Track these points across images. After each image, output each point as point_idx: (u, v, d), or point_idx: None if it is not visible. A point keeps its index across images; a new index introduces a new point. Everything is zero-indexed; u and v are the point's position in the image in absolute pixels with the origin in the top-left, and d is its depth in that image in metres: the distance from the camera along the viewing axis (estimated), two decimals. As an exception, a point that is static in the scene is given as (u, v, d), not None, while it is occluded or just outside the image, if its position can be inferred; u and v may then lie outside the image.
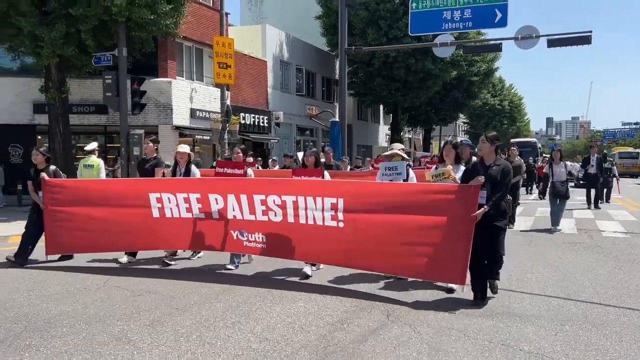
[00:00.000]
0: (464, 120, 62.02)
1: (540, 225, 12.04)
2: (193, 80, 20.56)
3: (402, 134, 34.01)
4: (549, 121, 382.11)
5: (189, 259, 7.83)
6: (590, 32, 18.84)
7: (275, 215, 6.36)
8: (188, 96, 19.90)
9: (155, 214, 6.91)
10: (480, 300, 5.43)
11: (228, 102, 19.55)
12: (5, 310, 5.28)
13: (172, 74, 19.27)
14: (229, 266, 7.12)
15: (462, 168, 5.96)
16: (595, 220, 12.88)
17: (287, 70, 27.40)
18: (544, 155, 38.47)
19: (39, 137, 18.17)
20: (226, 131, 16.70)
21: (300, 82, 28.39)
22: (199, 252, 7.92)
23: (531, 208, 16.46)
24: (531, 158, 27.29)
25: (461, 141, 8.48)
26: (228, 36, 20.93)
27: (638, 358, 4.05)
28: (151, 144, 8.56)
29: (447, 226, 5.44)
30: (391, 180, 6.26)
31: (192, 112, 19.92)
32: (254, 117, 23.44)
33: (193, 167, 7.71)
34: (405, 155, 6.58)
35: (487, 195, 5.31)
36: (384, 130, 40.35)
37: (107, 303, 5.55)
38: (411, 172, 6.56)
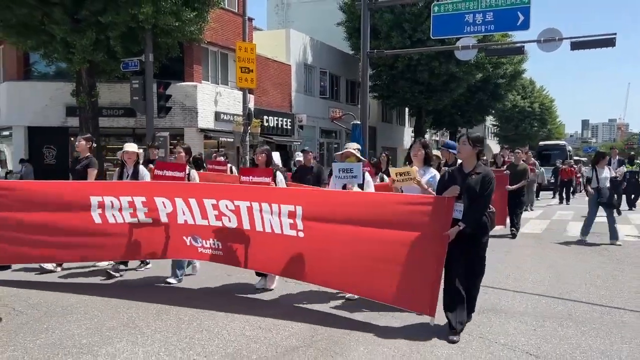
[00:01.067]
0: (493, 123, 61.31)
1: (555, 228, 12.10)
2: (218, 84, 21.15)
3: (426, 136, 33.95)
4: (585, 123, 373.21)
5: (135, 270, 7.18)
6: (615, 34, 18.62)
7: (230, 221, 5.76)
8: (213, 99, 20.50)
9: (97, 219, 6.19)
10: (456, 334, 4.51)
11: (251, 105, 20.12)
12: (29, 297, 5.78)
13: (197, 78, 19.90)
14: (171, 280, 6.47)
15: (432, 171, 5.27)
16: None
17: (311, 74, 27.81)
18: (574, 158, 37.87)
19: (72, 138, 19.00)
20: (247, 134, 17.18)
21: (324, 85, 28.76)
22: (147, 263, 7.30)
23: (552, 211, 16.44)
24: (559, 161, 27.00)
25: (445, 143, 8.33)
26: (253, 41, 21.50)
27: (606, 351, 4.25)
28: (83, 142, 7.39)
29: (415, 244, 4.62)
30: (345, 184, 5.56)
31: (217, 115, 20.51)
32: (277, 120, 23.93)
33: (141, 167, 7.00)
34: (361, 156, 5.92)
35: (464, 209, 4.47)
36: (409, 132, 40.37)
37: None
38: (367, 175, 5.88)
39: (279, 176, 6.12)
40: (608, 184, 9.75)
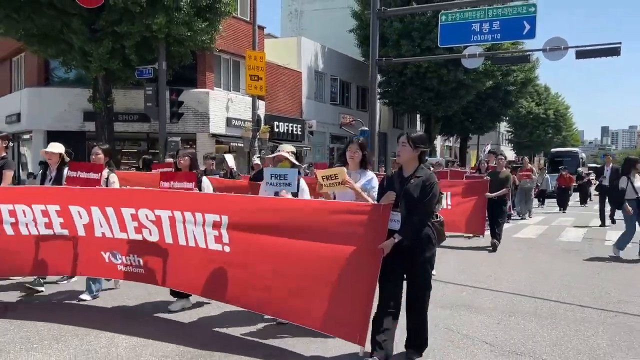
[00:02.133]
0: (508, 129, 61.32)
1: (550, 234, 12.43)
2: (230, 91, 21.79)
3: (435, 142, 34.28)
4: (604, 130, 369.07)
5: (56, 283, 6.62)
6: (620, 43, 18.82)
7: (151, 234, 5.13)
8: (224, 106, 21.14)
9: (9, 231, 5.54)
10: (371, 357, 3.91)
11: (262, 111, 20.71)
12: None
13: (210, 85, 20.57)
14: (85, 296, 5.89)
15: (369, 174, 4.60)
16: (607, 230, 13.11)
17: (321, 80, 28.37)
18: (588, 166, 37.83)
19: (93, 142, 19.76)
20: (256, 139, 17.75)
21: (335, 91, 29.29)
22: (71, 277, 6.65)
23: (553, 218, 16.70)
24: (561, 167, 27.06)
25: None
26: (264, 48, 22.14)
27: (558, 341, 4.66)
28: None
29: (345, 260, 4.01)
30: (278, 192, 4.83)
31: (228, 121, 21.14)
32: (287, 126, 24.50)
33: (66, 169, 6.06)
34: (296, 161, 5.20)
35: (402, 219, 3.92)
36: (420, 138, 40.69)
37: None
38: (302, 182, 5.11)
39: (205, 182, 5.59)
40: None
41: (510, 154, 63.03)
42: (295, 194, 4.89)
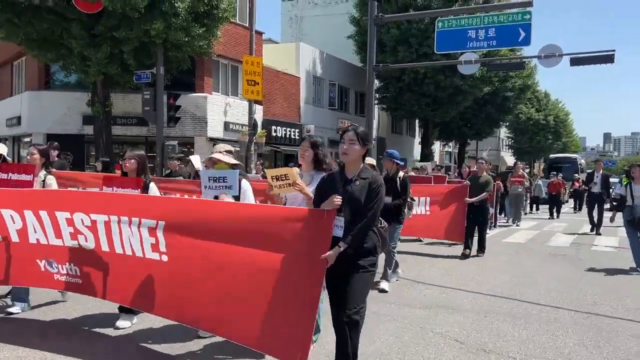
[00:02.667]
0: (508, 135, 61.58)
1: (540, 239, 12.58)
2: (228, 95, 22.00)
3: (433, 147, 34.45)
4: (607, 137, 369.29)
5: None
6: (614, 51, 19.01)
7: (87, 241, 4.67)
8: (222, 110, 21.34)
9: None
10: None
11: (260, 115, 20.91)
12: None
13: (208, 90, 20.77)
14: (13, 309, 5.39)
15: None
16: (596, 235, 13.26)
17: (320, 86, 28.57)
18: (586, 172, 37.90)
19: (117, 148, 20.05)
20: (253, 143, 17.95)
21: (334, 96, 29.49)
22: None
23: (545, 223, 16.86)
24: (553, 174, 27.11)
25: (387, 152, 7.24)
26: (263, 54, 22.38)
27: (526, 340, 4.83)
28: None
29: (285, 271, 3.65)
30: (217, 196, 4.46)
31: (226, 125, 21.33)
32: (285, 130, 24.70)
33: None
34: (234, 160, 4.83)
35: (345, 225, 3.52)
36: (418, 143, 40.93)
37: None
38: (245, 184, 4.74)
39: (152, 188, 5.00)
40: None
41: (510, 159, 63.30)
42: (237, 197, 4.52)
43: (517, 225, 15.43)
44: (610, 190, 13.57)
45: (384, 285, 6.73)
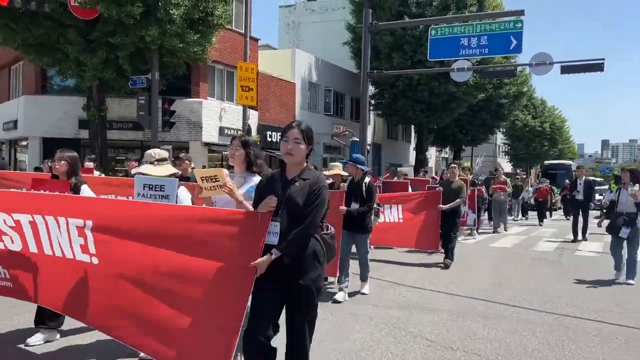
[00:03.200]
0: (504, 141, 61.98)
1: (526, 244, 12.79)
2: (223, 101, 22.24)
3: (427, 153, 34.68)
4: (605, 143, 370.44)
5: None
6: (603, 59, 19.32)
7: (13, 242, 4.33)
8: (218, 115, 21.58)
9: None
10: None
11: (255, 121, 21.12)
12: None
13: (203, 95, 21.02)
14: None
15: (257, 179, 3.77)
16: (582, 241, 13.46)
17: (315, 91, 28.84)
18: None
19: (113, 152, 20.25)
20: (247, 148, 18.15)
21: (329, 102, 29.76)
22: None
23: (534, 228, 17.06)
24: (539, 180, 27.47)
25: (352, 157, 6.97)
26: (259, 60, 22.65)
27: (493, 339, 5.02)
28: None
29: (211, 279, 3.30)
30: None
31: (221, 130, 21.56)
32: (280, 135, 24.93)
33: None
34: (170, 170, 4.43)
35: (282, 232, 3.19)
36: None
37: None
38: (183, 192, 4.35)
39: (84, 191, 4.64)
40: (632, 209, 7.93)
41: (507, 166, 63.65)
42: None
43: (505, 230, 15.49)
44: (595, 196, 13.64)
45: (364, 289, 6.87)
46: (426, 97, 27.57)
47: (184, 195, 4.35)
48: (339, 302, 6.34)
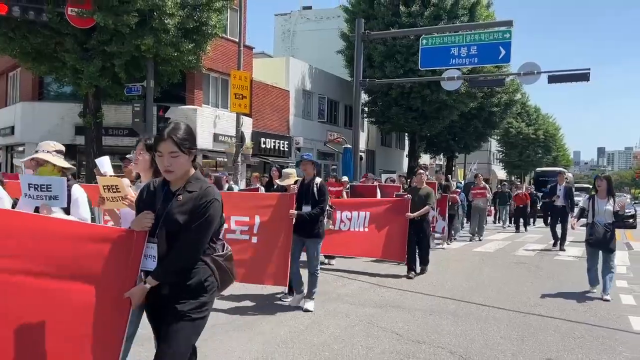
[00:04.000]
0: (499, 149, 62.59)
1: (508, 249, 13.15)
2: (218, 108, 22.63)
3: (422, 160, 35.10)
4: (601, 151, 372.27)
5: None
6: (589, 69, 19.79)
7: None
8: (212, 122, 21.96)
9: None
10: None
11: (249, 128, 21.48)
12: None
13: (198, 102, 21.40)
14: None
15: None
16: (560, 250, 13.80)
17: (309, 99, 29.28)
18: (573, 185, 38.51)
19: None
20: (240, 155, 18.53)
21: (323, 109, 30.20)
22: None
23: (520, 235, 17.42)
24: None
25: (302, 156, 6.87)
26: (252, 68, 23.07)
27: (460, 334, 5.37)
28: None
29: (86, 308, 2.74)
30: (38, 208, 3.50)
31: (215, 137, 21.93)
32: (274, 142, 25.31)
33: None
34: (66, 163, 3.82)
35: (160, 254, 2.74)
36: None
37: None
38: (77, 192, 3.73)
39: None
40: (608, 220, 7.35)
41: (501, 173, 64.17)
42: (66, 210, 3.62)
43: (479, 240, 14.64)
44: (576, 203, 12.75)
45: (308, 305, 6.20)
46: (418, 105, 28.03)
47: (79, 195, 3.71)
48: (310, 310, 6.10)
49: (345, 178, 13.09)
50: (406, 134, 36.64)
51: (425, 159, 42.19)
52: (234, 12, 21.94)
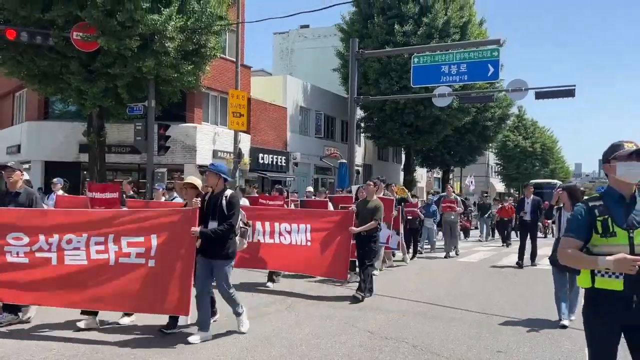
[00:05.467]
0: (496, 161, 63.34)
1: (492, 258, 13.77)
2: (217, 125, 23.41)
3: (414, 174, 35.78)
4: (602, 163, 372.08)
5: None
6: (574, 86, 20.55)
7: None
8: (211, 139, 22.72)
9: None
10: None
11: (247, 144, 22.21)
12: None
13: (198, 120, 22.19)
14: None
15: None
16: (545, 256, 14.42)
17: (306, 115, 30.10)
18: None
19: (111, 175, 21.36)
20: (237, 170, 19.25)
21: (320, 125, 31.02)
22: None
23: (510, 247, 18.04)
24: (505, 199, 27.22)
25: (211, 165, 5.99)
26: (250, 86, 23.91)
27: (430, 333, 6.01)
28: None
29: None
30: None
31: (214, 153, 22.68)
32: (272, 157, 26.07)
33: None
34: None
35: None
36: (405, 170, 42.31)
37: None
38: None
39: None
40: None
41: (499, 186, 64.83)
42: None
43: (456, 255, 14.02)
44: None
45: (242, 326, 5.80)
46: (412, 120, 28.79)
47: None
48: (244, 333, 5.71)
49: (295, 193, 12.98)
50: (402, 148, 37.45)
51: (421, 172, 42.93)
52: (233, 32, 22.83)
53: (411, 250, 13.40)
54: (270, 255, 8.51)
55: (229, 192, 5.67)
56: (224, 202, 5.51)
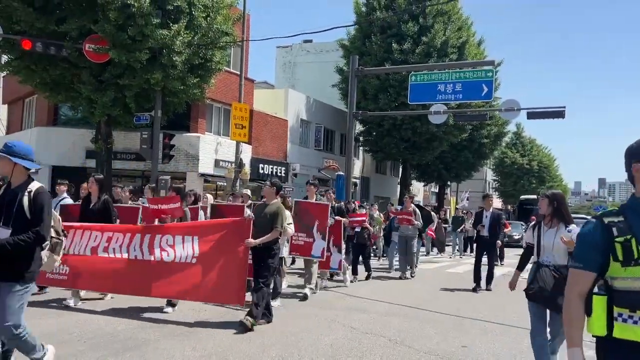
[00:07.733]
0: (494, 178, 64.19)
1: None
2: (220, 135, 24.21)
3: (411, 188, 36.53)
4: (602, 182, 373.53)
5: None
6: (564, 107, 21.40)
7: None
8: (214, 148, 23.51)
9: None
10: None
11: (249, 154, 22.96)
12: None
13: (201, 130, 23.00)
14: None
15: None
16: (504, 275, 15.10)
17: (307, 128, 30.94)
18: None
19: (116, 180, 22.07)
20: (238, 180, 20.01)
21: (319, 137, 31.85)
22: None
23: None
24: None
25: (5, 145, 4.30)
26: (253, 99, 24.73)
27: (401, 328, 6.71)
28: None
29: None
30: None
31: (217, 162, 23.46)
32: (272, 168, 26.86)
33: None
34: None
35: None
36: (403, 184, 43.08)
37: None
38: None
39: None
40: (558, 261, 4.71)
41: (497, 202, 65.58)
42: None
43: (412, 276, 12.19)
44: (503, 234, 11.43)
45: None
46: (409, 135, 29.61)
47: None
48: None
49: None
50: (399, 162, 38.26)
51: (417, 186, 43.70)
52: (238, 46, 23.70)
53: (360, 269, 11.39)
54: (144, 277, 6.84)
55: (36, 185, 4.02)
56: (26, 200, 3.90)
